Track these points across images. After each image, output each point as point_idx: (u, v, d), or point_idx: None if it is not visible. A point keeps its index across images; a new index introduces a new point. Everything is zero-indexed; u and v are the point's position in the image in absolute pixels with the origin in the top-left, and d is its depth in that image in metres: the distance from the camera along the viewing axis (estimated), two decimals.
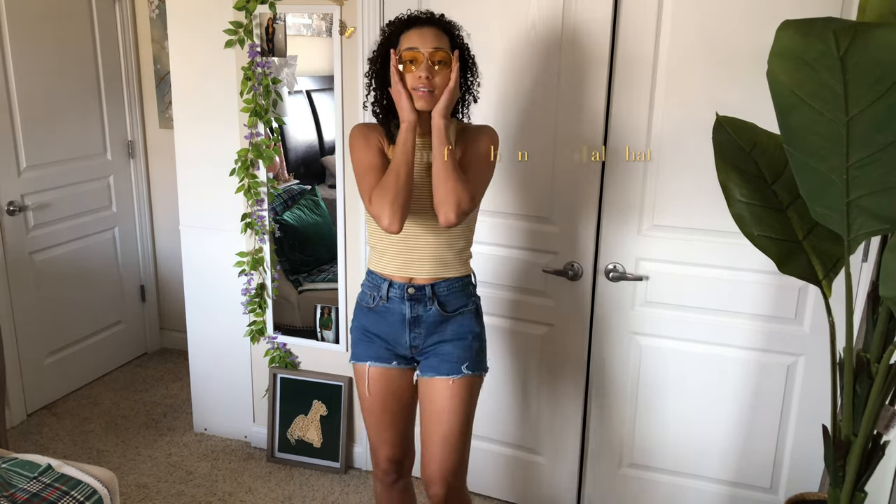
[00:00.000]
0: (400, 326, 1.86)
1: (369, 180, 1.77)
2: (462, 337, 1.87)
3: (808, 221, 1.77)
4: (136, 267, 3.81)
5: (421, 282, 1.84)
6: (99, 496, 1.85)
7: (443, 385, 1.84)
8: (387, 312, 1.87)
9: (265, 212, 2.80)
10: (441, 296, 1.85)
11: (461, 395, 1.85)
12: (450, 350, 1.86)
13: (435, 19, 1.78)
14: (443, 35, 1.76)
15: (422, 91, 1.72)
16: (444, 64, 1.73)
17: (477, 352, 1.90)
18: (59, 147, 3.27)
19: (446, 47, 1.75)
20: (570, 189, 2.35)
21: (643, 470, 2.51)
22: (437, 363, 1.86)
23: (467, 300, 1.90)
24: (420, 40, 1.72)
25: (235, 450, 3.04)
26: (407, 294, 1.84)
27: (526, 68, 2.31)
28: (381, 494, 2.04)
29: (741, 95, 2.07)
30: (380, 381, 1.90)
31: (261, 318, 2.91)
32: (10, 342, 3.10)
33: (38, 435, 3.11)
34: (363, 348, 1.92)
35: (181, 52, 2.81)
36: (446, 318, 1.86)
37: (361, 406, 1.99)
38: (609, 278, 2.35)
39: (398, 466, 1.99)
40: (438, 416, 1.85)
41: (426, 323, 1.85)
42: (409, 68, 1.73)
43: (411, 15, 1.80)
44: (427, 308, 1.84)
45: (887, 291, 1.46)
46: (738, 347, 2.29)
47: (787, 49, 1.38)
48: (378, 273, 1.88)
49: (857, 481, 1.74)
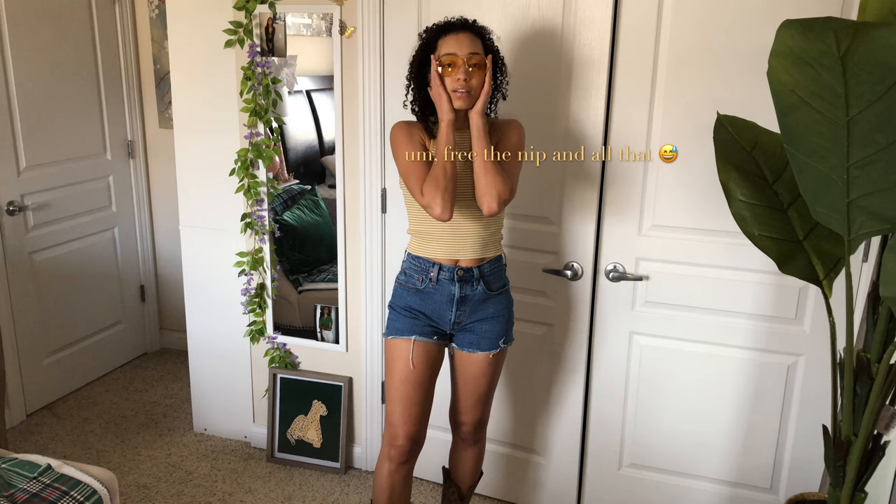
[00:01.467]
0: (447, 305, 2.02)
1: (418, 174, 1.92)
2: (500, 315, 2.07)
3: (808, 221, 1.77)
4: (136, 267, 3.81)
5: (467, 263, 2.01)
6: (99, 496, 1.85)
7: (482, 358, 2.07)
8: (435, 293, 2.02)
9: (265, 212, 2.80)
10: (486, 275, 2.04)
11: (496, 365, 2.11)
12: (489, 328, 2.05)
13: (469, 25, 1.93)
14: (476, 39, 1.91)
15: (461, 92, 1.87)
16: (478, 67, 1.89)
17: (510, 326, 2.12)
18: (59, 147, 3.27)
19: (480, 51, 1.90)
20: (570, 189, 2.35)
21: (643, 470, 2.51)
22: (476, 339, 2.06)
23: (505, 279, 2.11)
24: (457, 46, 1.88)
25: (235, 450, 3.04)
26: (457, 276, 2.00)
27: (526, 68, 2.31)
28: (384, 474, 2.08)
29: (741, 95, 2.07)
30: (421, 355, 2.04)
31: (261, 318, 2.91)
32: (10, 342, 3.10)
33: (38, 435, 3.11)
34: (407, 324, 2.04)
35: (181, 52, 2.81)
36: (488, 297, 2.05)
37: (392, 381, 2.05)
38: (609, 278, 2.35)
39: (414, 446, 2.08)
40: (476, 380, 2.10)
41: (471, 301, 2.03)
42: (447, 72, 1.88)
43: (448, 21, 1.94)
44: (474, 287, 2.02)
45: (887, 291, 1.46)
46: (738, 347, 2.29)
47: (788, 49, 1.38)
48: (426, 257, 2.03)
49: (858, 481, 1.74)
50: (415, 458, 2.11)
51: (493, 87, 1.98)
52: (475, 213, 1.97)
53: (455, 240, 1.99)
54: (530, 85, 2.32)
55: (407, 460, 2.07)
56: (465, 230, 1.99)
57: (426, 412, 2.08)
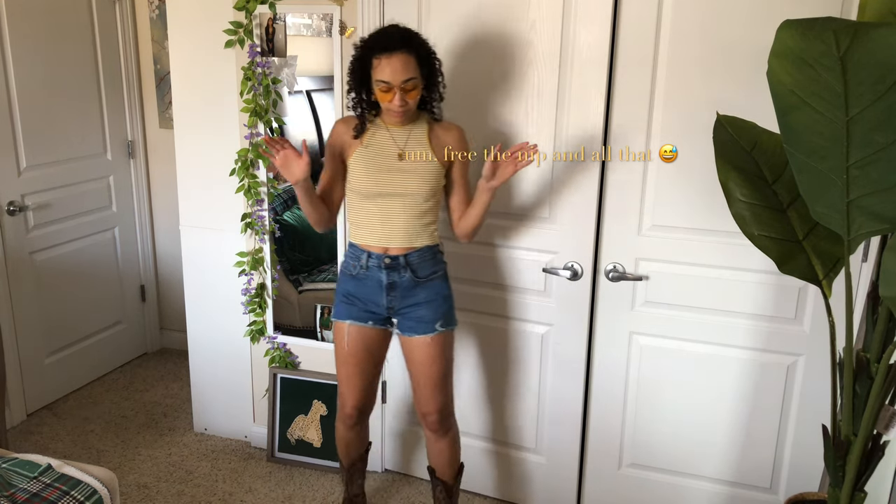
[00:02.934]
0: (378, 290, 2.15)
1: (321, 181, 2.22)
2: (433, 299, 2.17)
3: (808, 221, 1.77)
4: (136, 267, 3.81)
5: (395, 252, 2.13)
6: (99, 496, 1.86)
7: (421, 342, 2.17)
8: (367, 279, 2.16)
9: (265, 212, 2.80)
10: (413, 264, 2.14)
11: (439, 348, 2.18)
12: (424, 312, 2.16)
13: (403, 43, 1.98)
14: (411, 59, 1.98)
15: (397, 112, 2.03)
16: (414, 89, 2.01)
17: (447, 311, 2.21)
18: (59, 147, 3.28)
19: (415, 73, 1.99)
20: (570, 189, 2.35)
21: (643, 470, 2.51)
22: (413, 324, 2.17)
23: (436, 266, 2.19)
24: (391, 74, 1.97)
25: (235, 450, 3.04)
26: (384, 264, 2.12)
27: (526, 68, 2.31)
28: (341, 432, 2.39)
29: (741, 95, 2.07)
30: (356, 338, 2.21)
31: (261, 318, 2.91)
32: (10, 342, 3.10)
33: (38, 435, 3.11)
34: (344, 309, 2.21)
35: (181, 52, 2.81)
36: (418, 283, 2.15)
37: (337, 359, 2.27)
38: (609, 278, 2.35)
39: (361, 413, 2.33)
40: (423, 366, 2.20)
41: (401, 287, 2.14)
42: (383, 97, 2.01)
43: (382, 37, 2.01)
44: (401, 275, 2.13)
45: (887, 291, 1.46)
46: (738, 347, 2.29)
47: (788, 49, 1.38)
48: (358, 245, 2.17)
49: (857, 481, 1.74)
50: (364, 420, 2.38)
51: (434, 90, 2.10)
52: (405, 205, 2.10)
53: (384, 229, 2.12)
54: (530, 85, 2.32)
55: (355, 423, 2.34)
56: (394, 221, 2.11)
57: (367, 386, 2.29)
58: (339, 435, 2.41)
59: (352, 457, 2.45)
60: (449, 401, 2.27)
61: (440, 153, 2.13)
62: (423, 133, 2.12)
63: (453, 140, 2.15)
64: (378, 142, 2.12)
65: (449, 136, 2.15)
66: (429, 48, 2.05)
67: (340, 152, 2.17)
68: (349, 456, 2.44)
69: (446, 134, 2.15)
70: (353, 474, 2.48)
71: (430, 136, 2.13)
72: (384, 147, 2.11)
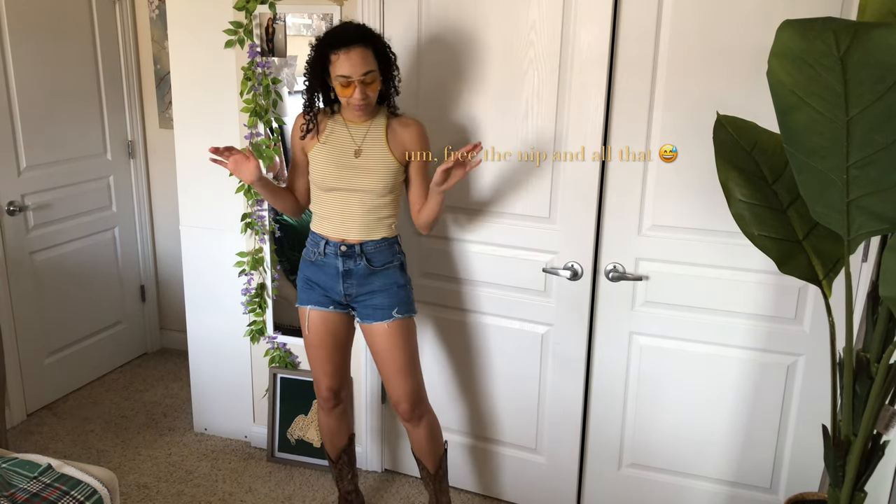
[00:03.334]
0: (335, 277, 2.23)
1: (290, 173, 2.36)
2: (388, 287, 2.24)
3: (808, 221, 1.77)
4: (136, 267, 3.81)
5: (351, 241, 2.20)
6: (99, 496, 1.86)
7: (380, 329, 2.23)
8: (324, 265, 2.24)
9: (265, 212, 2.80)
10: (368, 253, 2.21)
11: (399, 334, 2.24)
12: (380, 300, 2.23)
13: (360, 38, 2.04)
14: (368, 52, 2.04)
15: (359, 106, 2.08)
16: (373, 82, 2.07)
17: (404, 298, 2.26)
18: (59, 147, 3.28)
19: (373, 65, 2.05)
20: (570, 189, 2.35)
21: (643, 470, 2.51)
22: (371, 311, 2.23)
23: (392, 257, 2.25)
24: (351, 68, 2.02)
25: (235, 450, 3.04)
26: (340, 251, 2.20)
27: (526, 68, 2.31)
28: (322, 420, 2.47)
29: (741, 95, 2.07)
30: (318, 323, 2.29)
31: (261, 318, 2.91)
32: (10, 342, 3.10)
33: (38, 435, 3.11)
34: (305, 294, 2.30)
35: (181, 52, 2.81)
36: (374, 272, 2.22)
37: (305, 345, 2.36)
38: (609, 278, 2.35)
39: (336, 395, 2.40)
40: (386, 353, 2.25)
41: (356, 275, 2.21)
42: (343, 92, 2.06)
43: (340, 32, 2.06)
44: (357, 263, 2.20)
45: (887, 291, 1.46)
46: (738, 347, 2.29)
47: (788, 49, 1.38)
48: (318, 233, 2.25)
49: (857, 481, 1.74)
50: (342, 404, 2.44)
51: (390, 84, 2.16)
52: (361, 200, 2.17)
53: (342, 221, 2.20)
54: (530, 85, 2.32)
55: (333, 406, 2.41)
56: (350, 214, 2.19)
57: (339, 367, 2.37)
58: (321, 424, 2.48)
59: (336, 446, 2.49)
60: (418, 388, 2.30)
61: (398, 150, 2.18)
62: (380, 130, 2.17)
63: (411, 136, 2.19)
64: (336, 138, 2.18)
65: (407, 132, 2.19)
66: (384, 42, 2.11)
67: (302, 146, 2.24)
68: (334, 446, 2.50)
69: (404, 130, 2.19)
70: (340, 469, 2.53)
71: (388, 132, 2.18)
72: (341, 143, 2.17)
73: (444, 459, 2.43)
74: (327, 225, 2.22)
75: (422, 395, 2.32)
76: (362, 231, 2.19)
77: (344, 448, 2.50)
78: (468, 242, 2.52)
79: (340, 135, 2.18)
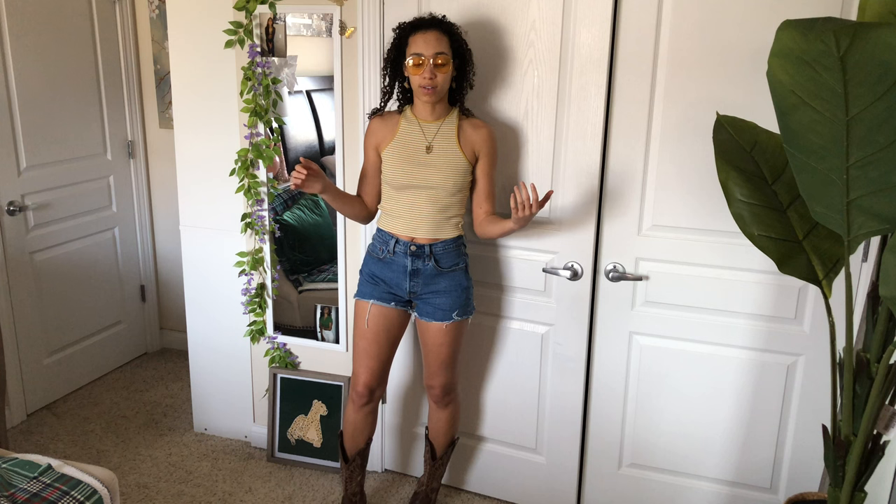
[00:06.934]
0: (402, 275, 2.27)
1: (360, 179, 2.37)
2: (452, 290, 2.28)
3: (808, 221, 1.77)
4: (136, 267, 3.81)
5: (421, 241, 2.24)
6: (99, 496, 1.86)
7: (437, 328, 2.30)
8: (393, 263, 2.27)
9: (265, 212, 2.80)
10: (437, 254, 2.25)
11: (452, 335, 2.32)
12: (443, 301, 2.28)
13: (436, 23, 2.13)
14: (443, 37, 2.11)
15: (427, 89, 2.11)
16: (443, 65, 2.10)
17: (464, 301, 2.31)
18: (59, 147, 3.28)
19: (446, 49, 2.11)
20: (570, 189, 2.35)
21: (643, 470, 2.51)
22: (432, 310, 2.29)
23: (458, 258, 2.30)
24: (425, 45, 2.09)
25: (235, 450, 3.04)
26: (410, 251, 2.24)
27: (526, 68, 2.31)
28: (349, 415, 2.44)
29: (741, 95, 2.08)
30: (377, 317, 2.32)
31: (261, 318, 2.91)
32: (10, 342, 3.10)
33: (38, 435, 3.11)
34: (369, 288, 2.33)
35: (181, 52, 2.81)
36: (440, 273, 2.26)
37: (355, 337, 2.36)
38: (609, 278, 2.35)
39: (371, 393, 2.39)
40: (436, 348, 2.33)
41: (424, 275, 2.26)
42: (414, 70, 2.10)
43: (418, 19, 2.15)
44: (425, 263, 2.25)
45: (887, 291, 1.46)
46: (738, 347, 2.29)
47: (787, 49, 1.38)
48: (387, 231, 2.28)
49: (857, 481, 1.74)
50: (374, 403, 2.42)
51: (463, 79, 2.20)
52: (433, 198, 2.21)
53: (412, 219, 2.23)
54: (529, 85, 2.32)
55: (365, 404, 2.40)
56: (421, 212, 2.22)
57: (381, 367, 2.37)
58: (347, 419, 2.46)
59: (358, 444, 2.47)
60: (453, 378, 2.41)
61: (468, 150, 2.22)
62: (452, 128, 2.21)
63: (481, 138, 2.23)
64: (409, 135, 2.22)
65: (477, 133, 2.23)
66: (462, 37, 2.16)
67: (376, 146, 2.28)
68: (355, 443, 2.46)
69: (475, 132, 2.23)
70: (353, 470, 2.50)
71: (459, 132, 2.22)
72: (414, 140, 2.21)
73: (451, 447, 2.53)
74: (398, 223, 2.25)
75: (454, 385, 2.43)
76: (431, 229, 2.23)
77: (361, 450, 2.49)
78: (468, 243, 2.52)
79: (413, 132, 2.22)
